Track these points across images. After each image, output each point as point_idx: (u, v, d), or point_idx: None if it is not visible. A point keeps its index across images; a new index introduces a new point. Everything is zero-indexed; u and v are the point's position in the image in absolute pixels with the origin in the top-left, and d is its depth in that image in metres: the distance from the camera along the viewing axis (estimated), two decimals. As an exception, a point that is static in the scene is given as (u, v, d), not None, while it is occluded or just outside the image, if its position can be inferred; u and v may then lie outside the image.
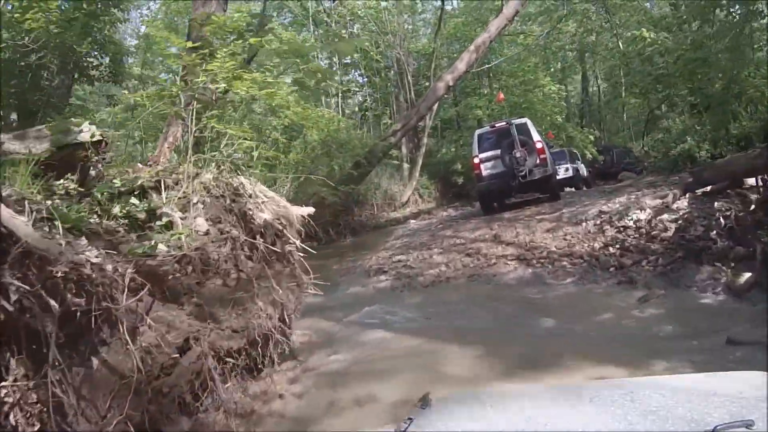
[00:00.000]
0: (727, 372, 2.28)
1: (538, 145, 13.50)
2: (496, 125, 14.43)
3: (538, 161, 13.24)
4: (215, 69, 6.66)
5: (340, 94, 22.81)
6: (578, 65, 34.35)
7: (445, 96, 22.38)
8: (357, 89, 28.11)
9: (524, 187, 13.59)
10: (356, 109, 29.63)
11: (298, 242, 5.92)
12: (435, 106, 23.64)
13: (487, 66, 21.02)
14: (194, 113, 6.01)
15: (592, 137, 26.03)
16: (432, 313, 7.90)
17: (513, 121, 14.06)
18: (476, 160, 14.02)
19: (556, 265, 9.04)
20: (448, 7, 27.58)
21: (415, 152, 25.04)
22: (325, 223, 18.37)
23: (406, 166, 24.24)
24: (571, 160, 21.15)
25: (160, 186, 5.07)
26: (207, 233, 4.83)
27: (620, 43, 23.92)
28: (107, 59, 14.39)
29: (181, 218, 4.74)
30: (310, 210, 6.50)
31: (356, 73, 28.87)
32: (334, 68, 24.44)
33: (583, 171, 22.94)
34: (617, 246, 9.00)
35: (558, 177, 16.21)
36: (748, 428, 1.37)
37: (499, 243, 10.43)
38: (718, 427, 1.38)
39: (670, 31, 18.82)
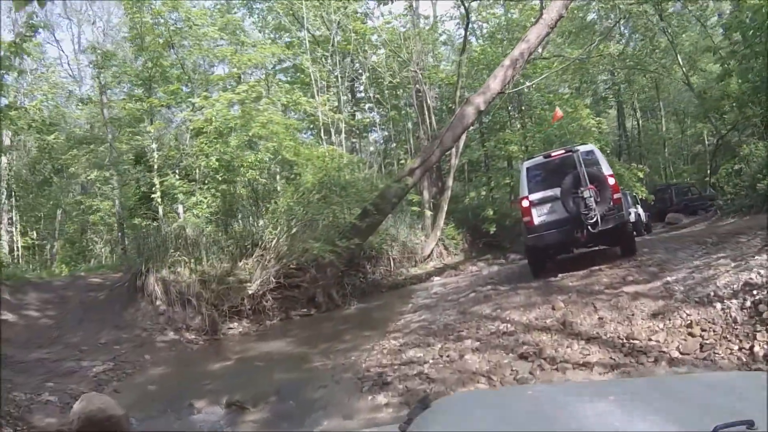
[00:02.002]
0: (727, 372, 2.73)
1: (611, 181, 9.59)
2: (553, 154, 10.51)
3: (611, 204, 9.31)
4: None
5: (342, 129, 19.04)
6: (612, 97, 30.61)
7: (473, 126, 18.64)
8: (368, 121, 24.32)
9: (592, 239, 9.68)
10: (372, 149, 25.89)
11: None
12: (461, 142, 19.98)
13: (523, 86, 17.09)
14: None
15: (641, 174, 21.91)
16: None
17: (578, 147, 10.10)
18: (525, 203, 10.09)
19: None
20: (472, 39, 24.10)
21: (438, 197, 21.28)
22: (326, 285, 14.73)
23: (428, 213, 20.46)
24: (631, 203, 17.25)
25: None
26: None
27: (680, 63, 19.83)
28: None
29: None
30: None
31: (369, 109, 25.28)
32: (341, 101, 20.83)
33: (643, 215, 19.08)
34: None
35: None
36: (748, 428, 1.34)
37: (572, 335, 6.41)
38: (718, 427, 1.33)
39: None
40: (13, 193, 19.93)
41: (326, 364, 7.99)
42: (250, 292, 13.12)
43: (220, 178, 13.20)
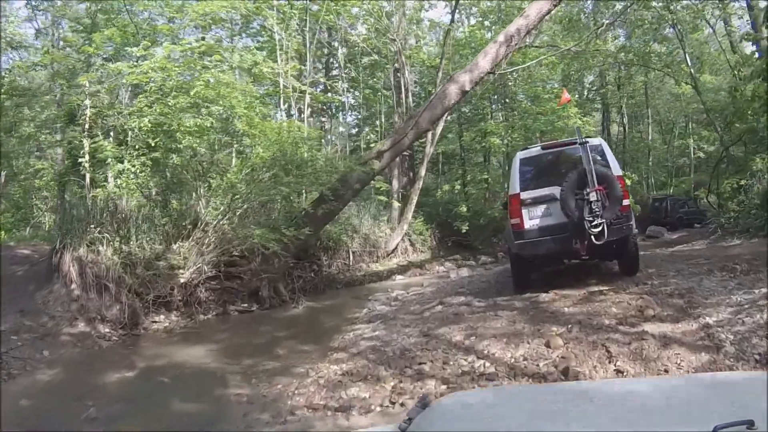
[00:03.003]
0: (727, 372, 2.71)
1: (621, 184, 7.93)
2: (553, 145, 9.02)
3: (620, 211, 7.69)
4: None
5: (307, 102, 16.81)
6: (599, 100, 29.07)
7: (451, 114, 16.71)
8: (339, 100, 22.07)
9: (593, 251, 7.93)
10: (341, 130, 23.70)
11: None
12: (438, 129, 18.09)
13: (509, 70, 15.12)
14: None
15: (628, 182, 20.33)
16: None
17: (586, 139, 8.29)
18: (516, 202, 8.29)
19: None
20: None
21: (409, 188, 19.40)
22: (273, 277, 12.79)
23: (396, 204, 18.56)
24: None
25: None
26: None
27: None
28: None
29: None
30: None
31: (343, 90, 23.10)
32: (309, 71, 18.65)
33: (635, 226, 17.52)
34: None
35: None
36: (748, 428, 1.33)
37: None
38: (718, 427, 1.31)
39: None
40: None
41: (242, 395, 6.02)
42: (182, 280, 11.17)
43: (153, 144, 11.04)
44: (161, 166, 11.62)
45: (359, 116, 24.56)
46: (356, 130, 25.73)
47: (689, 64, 15.99)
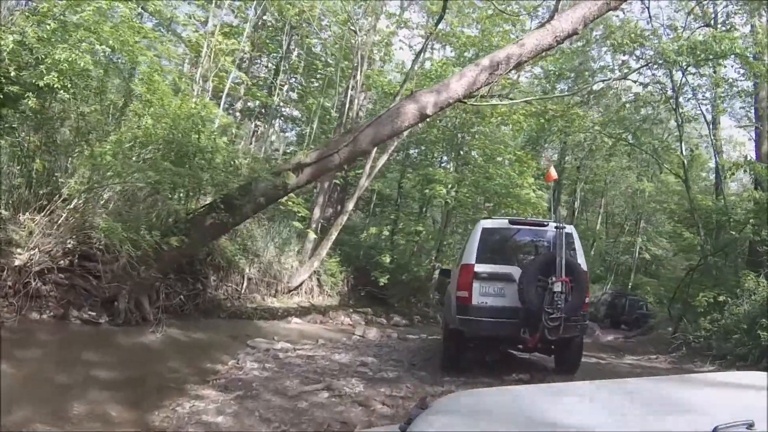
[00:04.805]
0: (727, 372, 2.89)
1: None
2: (523, 222, 8.99)
3: (581, 308, 7.50)
4: None
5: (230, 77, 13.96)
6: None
7: (395, 153, 14.40)
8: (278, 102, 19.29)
9: (541, 344, 7.66)
10: (273, 138, 20.90)
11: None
12: (380, 162, 15.82)
13: (487, 104, 13.03)
14: None
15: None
16: None
17: (564, 225, 7.91)
18: (468, 273, 7.74)
19: None
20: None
21: (332, 220, 16.89)
22: (139, 287, 10.01)
23: (312, 236, 15.95)
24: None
25: None
26: None
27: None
28: None
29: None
30: None
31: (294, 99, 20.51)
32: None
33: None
34: None
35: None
36: (748, 428, 1.33)
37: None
38: (719, 427, 1.32)
39: None
40: None
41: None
42: (17, 263, 8.28)
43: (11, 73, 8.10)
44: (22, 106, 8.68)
45: (301, 131, 21.93)
46: (292, 149, 23.10)
47: (683, 153, 14.34)
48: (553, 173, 9.13)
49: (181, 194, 10.03)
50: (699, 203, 13.69)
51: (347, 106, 16.28)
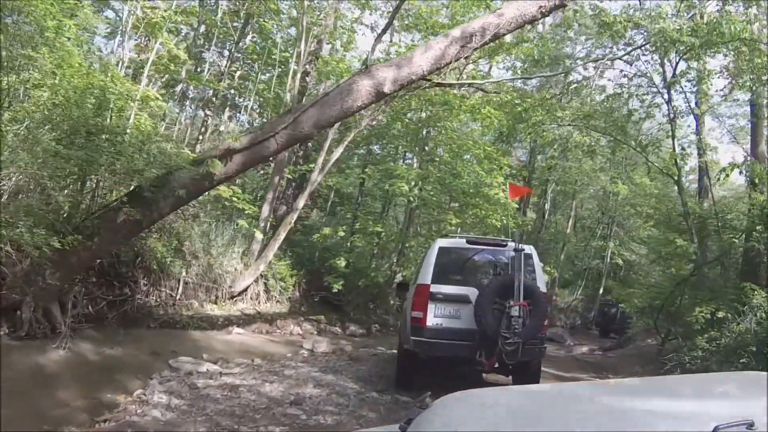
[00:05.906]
0: (727, 372, 2.88)
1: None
2: (481, 241, 8.65)
3: (539, 332, 7.35)
4: None
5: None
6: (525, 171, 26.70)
7: (353, 149, 12.96)
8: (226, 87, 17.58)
9: (497, 367, 7.58)
10: (222, 128, 19.14)
11: None
12: (334, 156, 14.35)
13: (459, 83, 11.62)
14: None
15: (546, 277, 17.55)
16: None
17: (523, 246, 7.69)
18: (423, 293, 7.68)
19: None
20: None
21: (282, 218, 15.33)
22: (49, 293, 8.44)
23: (259, 235, 14.37)
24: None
25: None
26: None
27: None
28: None
29: None
30: None
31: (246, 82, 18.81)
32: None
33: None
34: None
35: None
36: (748, 428, 1.31)
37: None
38: (719, 427, 1.29)
39: None
40: None
41: None
42: None
43: None
44: None
45: (253, 121, 20.24)
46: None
47: (676, 150, 13.10)
48: (517, 191, 8.33)
49: (93, 185, 8.43)
50: (693, 207, 12.57)
51: (288, 83, 14.73)
